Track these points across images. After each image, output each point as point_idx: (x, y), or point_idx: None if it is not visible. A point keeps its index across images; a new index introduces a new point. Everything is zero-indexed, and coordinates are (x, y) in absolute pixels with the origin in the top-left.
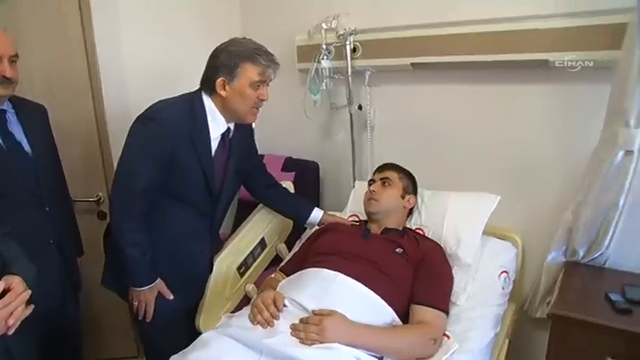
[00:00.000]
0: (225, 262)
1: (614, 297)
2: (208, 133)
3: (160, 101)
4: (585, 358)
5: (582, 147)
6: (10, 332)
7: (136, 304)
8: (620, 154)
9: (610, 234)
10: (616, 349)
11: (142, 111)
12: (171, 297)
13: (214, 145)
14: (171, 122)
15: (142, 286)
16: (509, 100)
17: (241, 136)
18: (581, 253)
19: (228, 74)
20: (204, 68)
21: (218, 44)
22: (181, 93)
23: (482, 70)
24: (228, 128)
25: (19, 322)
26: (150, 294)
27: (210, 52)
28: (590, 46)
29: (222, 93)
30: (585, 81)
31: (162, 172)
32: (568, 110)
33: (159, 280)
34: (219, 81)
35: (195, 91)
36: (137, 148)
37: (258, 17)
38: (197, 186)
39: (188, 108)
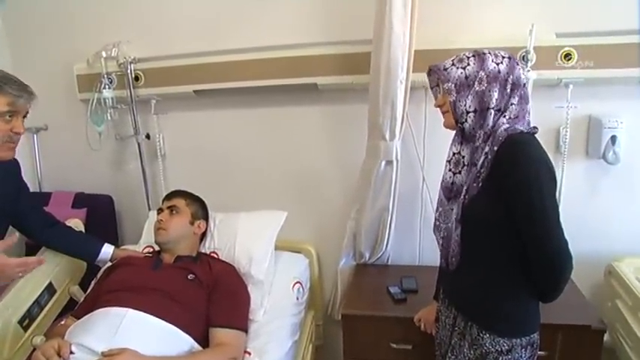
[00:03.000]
0: (2, 317)
1: (392, 289)
2: None
3: None
4: (373, 349)
5: (355, 160)
6: None
7: None
8: (383, 164)
9: (387, 234)
10: (396, 335)
11: None
12: None
13: None
14: None
15: None
16: (287, 121)
17: (4, 175)
18: (367, 255)
19: None
20: None
21: None
22: None
23: (261, 94)
24: None
25: None
26: None
27: None
28: (350, 71)
29: None
30: (349, 101)
31: None
32: (338, 127)
33: None
34: None
35: None
36: None
37: (30, 46)
38: None
39: None
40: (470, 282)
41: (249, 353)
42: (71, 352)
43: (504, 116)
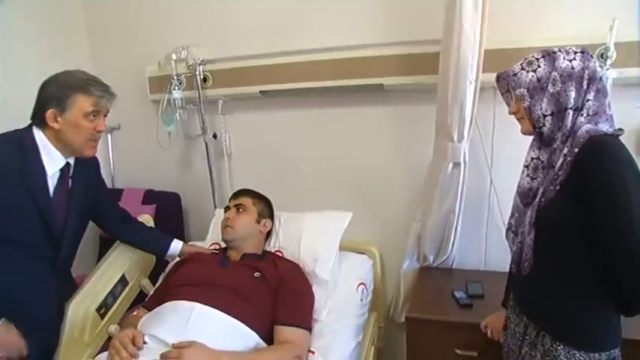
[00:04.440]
0: (82, 305)
1: (458, 294)
2: (43, 170)
3: None
4: (438, 353)
5: (421, 161)
6: None
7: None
8: (450, 166)
9: (452, 238)
10: (462, 341)
11: None
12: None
13: (52, 182)
14: None
15: None
16: (352, 121)
17: (85, 170)
18: (432, 258)
19: (59, 105)
20: None
21: None
22: None
23: (326, 94)
24: (68, 163)
25: None
26: (5, 331)
27: None
28: (417, 71)
29: (55, 125)
30: (416, 102)
31: None
32: (404, 128)
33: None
34: (49, 113)
35: (25, 127)
36: None
37: (107, 49)
38: (33, 228)
39: (16, 145)
40: (543, 289)
41: (313, 352)
42: (144, 342)
43: (582, 115)
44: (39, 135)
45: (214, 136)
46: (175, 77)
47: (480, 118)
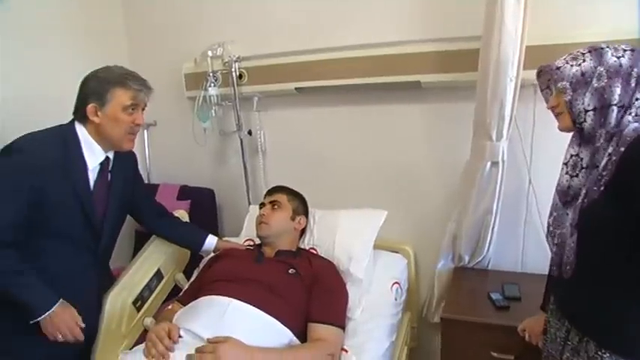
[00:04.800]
0: (119, 297)
1: (494, 296)
2: (85, 163)
3: (29, 133)
4: (472, 356)
5: (457, 160)
6: None
7: (58, 336)
8: (488, 165)
9: (489, 238)
10: (497, 343)
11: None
12: (83, 325)
13: (93, 176)
14: (39, 154)
15: (47, 309)
16: (388, 119)
17: (123, 165)
18: (467, 259)
19: (99, 100)
20: None
21: None
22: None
23: (361, 92)
24: (107, 157)
25: None
26: (63, 312)
27: None
28: (455, 68)
29: (95, 120)
30: (453, 99)
31: (29, 206)
32: (442, 127)
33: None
34: (90, 107)
35: (68, 122)
36: (1, 180)
37: (145, 46)
38: (75, 220)
39: (59, 139)
40: (587, 293)
41: (346, 351)
42: (179, 336)
43: (629, 113)
44: (81, 130)
45: (249, 133)
46: (211, 74)
47: (520, 116)
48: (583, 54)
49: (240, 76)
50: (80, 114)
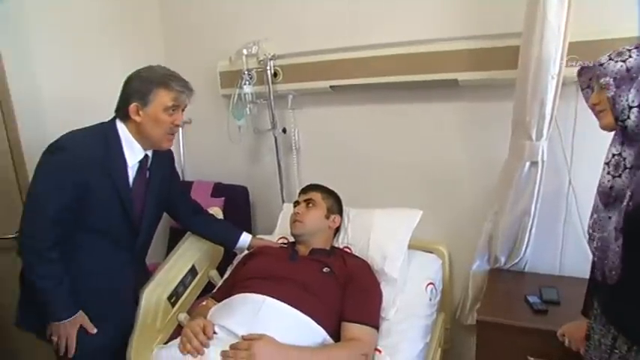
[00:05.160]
0: (155, 292)
1: (531, 299)
2: (125, 161)
3: (72, 131)
4: (508, 359)
5: (494, 159)
6: None
7: (55, 339)
8: (527, 165)
9: (526, 240)
10: (535, 348)
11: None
12: (95, 331)
13: (132, 173)
14: (81, 151)
15: (61, 319)
16: (425, 117)
17: (161, 163)
18: (503, 260)
19: (141, 100)
20: None
21: None
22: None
23: (398, 90)
24: (146, 155)
25: None
26: (71, 327)
27: None
28: (493, 66)
29: (137, 119)
30: (492, 98)
31: (74, 202)
32: (479, 126)
33: (80, 313)
34: (132, 107)
35: (109, 120)
36: (45, 178)
37: (181, 45)
38: (114, 217)
39: (101, 137)
40: (636, 300)
41: (380, 351)
42: (214, 332)
43: None
44: (122, 128)
45: (284, 131)
46: (246, 72)
47: (560, 115)
48: (629, 50)
49: (275, 74)
50: (122, 112)
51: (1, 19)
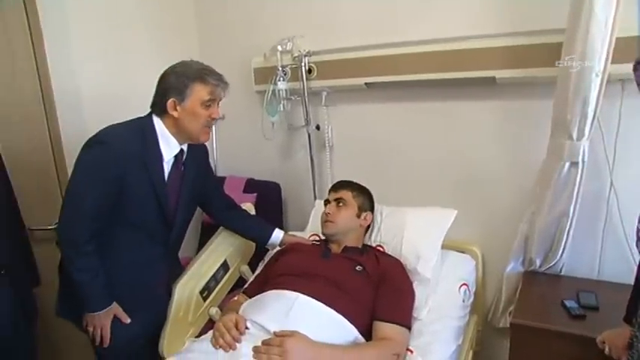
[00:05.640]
0: (187, 286)
1: (569, 304)
2: (161, 155)
3: (110, 125)
4: None
5: (532, 159)
6: None
7: (90, 329)
8: (567, 165)
9: (563, 242)
10: (572, 354)
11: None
12: (128, 321)
13: (167, 167)
14: (119, 145)
15: (95, 311)
16: (461, 115)
17: (195, 157)
18: (538, 262)
19: (179, 95)
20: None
21: None
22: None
23: (433, 87)
24: (182, 150)
25: None
26: (105, 318)
27: None
28: (532, 64)
29: (174, 114)
30: (530, 96)
31: (111, 196)
32: (516, 124)
33: (114, 304)
34: (170, 102)
35: (146, 115)
36: (84, 172)
37: (215, 41)
38: (150, 210)
39: (138, 131)
40: None
41: (412, 351)
42: (246, 328)
43: None
44: (158, 123)
45: (317, 128)
46: (280, 68)
47: (603, 115)
48: None
49: (310, 71)
50: (159, 108)
51: (47, 24)
